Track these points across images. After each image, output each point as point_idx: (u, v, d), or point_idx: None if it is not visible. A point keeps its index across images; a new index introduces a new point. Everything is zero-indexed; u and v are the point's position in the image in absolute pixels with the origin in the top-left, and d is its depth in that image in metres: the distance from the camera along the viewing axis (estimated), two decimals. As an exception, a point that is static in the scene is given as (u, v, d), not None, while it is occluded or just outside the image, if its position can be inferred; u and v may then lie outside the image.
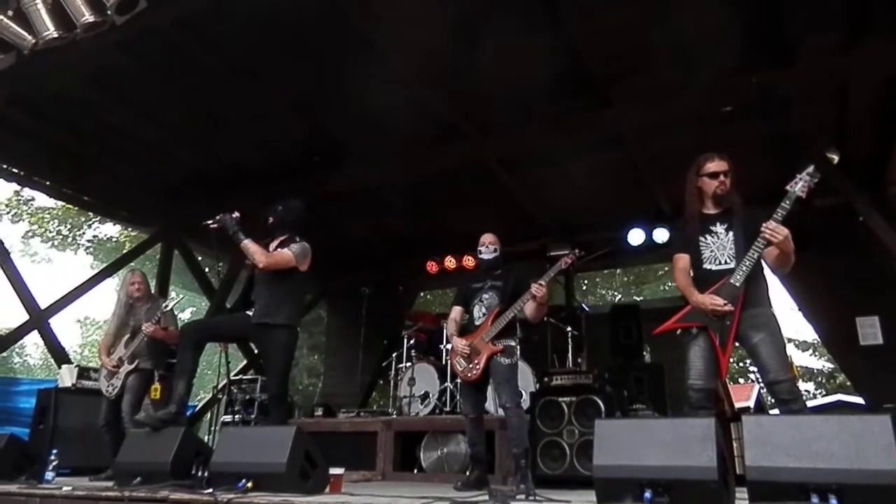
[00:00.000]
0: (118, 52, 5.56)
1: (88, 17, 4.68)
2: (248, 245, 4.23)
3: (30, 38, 4.89)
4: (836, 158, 6.32)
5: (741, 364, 19.61)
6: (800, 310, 7.92)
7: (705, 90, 5.81)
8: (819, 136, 6.22)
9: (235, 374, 7.84)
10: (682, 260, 3.61)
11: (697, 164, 3.64)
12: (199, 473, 3.61)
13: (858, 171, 6.58)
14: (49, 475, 4.29)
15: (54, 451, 4.45)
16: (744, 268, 3.31)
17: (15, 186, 15.04)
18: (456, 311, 4.84)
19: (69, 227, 18.09)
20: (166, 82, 6.21)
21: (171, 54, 5.71)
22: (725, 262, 3.44)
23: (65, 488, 3.63)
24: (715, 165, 3.56)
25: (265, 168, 7.75)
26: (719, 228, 3.52)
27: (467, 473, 4.61)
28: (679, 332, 3.49)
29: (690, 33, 5.22)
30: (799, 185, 3.31)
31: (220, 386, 8.09)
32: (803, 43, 5.38)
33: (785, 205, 3.28)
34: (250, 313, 4.34)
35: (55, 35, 4.81)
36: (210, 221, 4.30)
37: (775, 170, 5.90)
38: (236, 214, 4.31)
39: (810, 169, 3.34)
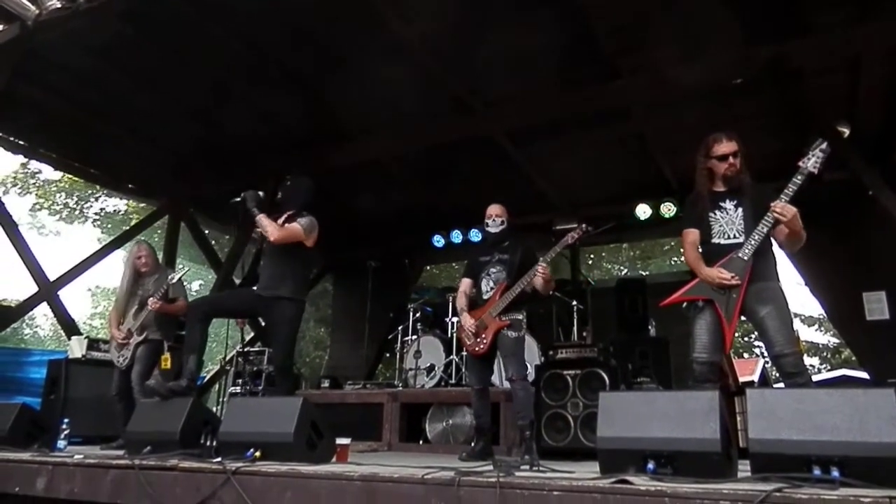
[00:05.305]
0: (123, 23, 5.52)
1: (92, -14, 4.65)
2: (262, 219, 4.33)
3: (33, 8, 4.88)
4: (846, 132, 6.24)
5: (746, 339, 19.67)
6: (806, 284, 7.89)
7: (715, 62, 5.73)
8: (830, 110, 6.15)
9: (243, 346, 7.92)
10: (692, 234, 3.60)
11: (706, 146, 3.59)
12: (208, 443, 3.66)
13: (868, 145, 6.51)
14: (61, 444, 4.35)
15: (65, 420, 4.51)
16: (752, 242, 3.31)
17: (21, 159, 15.05)
18: (465, 284, 4.83)
19: (76, 199, 18.15)
20: (172, 53, 6.17)
21: (177, 25, 5.66)
22: (734, 237, 3.43)
23: (76, 456, 3.67)
24: (724, 147, 3.51)
25: (271, 140, 7.72)
26: (728, 204, 3.51)
27: (472, 444, 4.64)
28: (685, 305, 3.50)
29: (701, 3, 5.13)
30: (811, 161, 3.28)
31: (227, 358, 8.18)
32: (815, 14, 5.28)
33: (797, 180, 3.26)
34: (256, 288, 4.40)
35: (59, 5, 4.78)
36: (237, 198, 4.41)
37: (784, 143, 5.88)
38: (261, 193, 4.45)
39: (823, 145, 3.30)
